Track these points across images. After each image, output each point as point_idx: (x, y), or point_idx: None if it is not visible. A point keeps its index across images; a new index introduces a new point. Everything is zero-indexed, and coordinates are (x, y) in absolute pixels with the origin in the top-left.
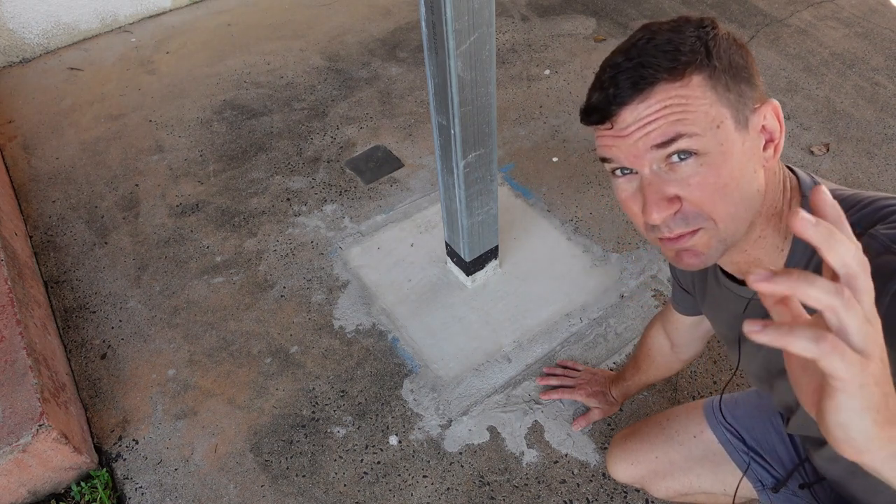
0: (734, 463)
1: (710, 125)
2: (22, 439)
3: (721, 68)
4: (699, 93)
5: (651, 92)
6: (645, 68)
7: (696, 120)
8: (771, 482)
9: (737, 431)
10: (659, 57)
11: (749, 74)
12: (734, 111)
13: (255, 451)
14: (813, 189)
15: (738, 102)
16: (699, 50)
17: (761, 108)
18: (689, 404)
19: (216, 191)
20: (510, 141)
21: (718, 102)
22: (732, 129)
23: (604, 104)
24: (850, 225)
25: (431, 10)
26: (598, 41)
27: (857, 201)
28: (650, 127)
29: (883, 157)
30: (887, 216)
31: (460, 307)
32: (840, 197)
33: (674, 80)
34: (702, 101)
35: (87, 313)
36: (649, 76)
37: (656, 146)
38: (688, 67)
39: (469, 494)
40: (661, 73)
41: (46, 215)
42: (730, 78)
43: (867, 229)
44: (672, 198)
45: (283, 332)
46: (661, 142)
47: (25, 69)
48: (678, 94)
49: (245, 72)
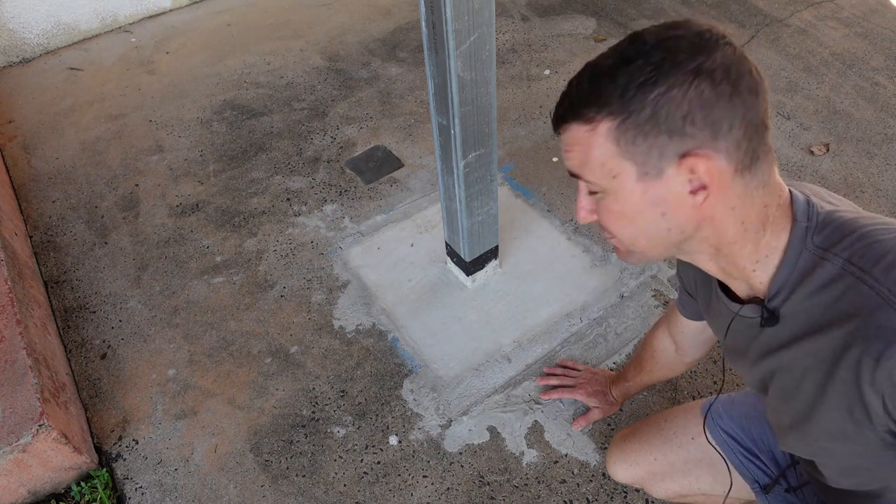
0: (731, 465)
1: (605, 174)
2: (22, 439)
3: (634, 120)
4: (601, 141)
5: (567, 127)
6: (573, 100)
7: (594, 168)
8: (766, 481)
9: (734, 432)
10: (581, 99)
11: (684, 124)
12: (639, 163)
13: (255, 451)
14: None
15: (646, 154)
16: (620, 96)
17: (687, 161)
18: (687, 405)
19: (216, 191)
20: (510, 141)
21: (619, 155)
22: (633, 179)
23: (553, 115)
24: (843, 259)
25: (431, 10)
26: (598, 41)
27: (851, 230)
28: (566, 155)
29: (883, 157)
30: (884, 254)
31: (460, 307)
32: (838, 222)
33: (584, 123)
34: (601, 150)
35: (87, 313)
36: (568, 116)
37: (569, 173)
38: (598, 115)
39: (469, 494)
40: (574, 117)
41: (46, 215)
42: (647, 129)
43: (865, 271)
44: (591, 209)
45: (283, 332)
46: (571, 172)
47: (25, 69)
48: (583, 138)
49: (245, 72)
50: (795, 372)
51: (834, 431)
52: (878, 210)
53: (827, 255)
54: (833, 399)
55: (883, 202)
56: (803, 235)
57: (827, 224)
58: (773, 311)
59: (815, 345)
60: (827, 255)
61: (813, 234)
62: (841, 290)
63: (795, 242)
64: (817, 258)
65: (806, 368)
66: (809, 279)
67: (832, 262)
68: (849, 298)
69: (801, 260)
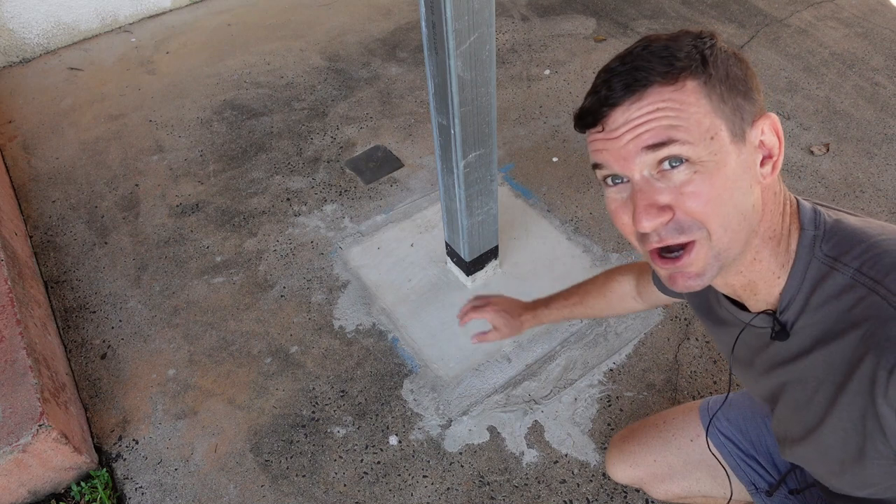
0: (729, 468)
1: (703, 135)
2: (22, 439)
3: (717, 78)
4: (693, 99)
5: (644, 93)
6: (639, 71)
7: (690, 127)
8: (764, 486)
9: (732, 435)
10: (654, 61)
11: (747, 88)
12: (729, 123)
13: (255, 451)
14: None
15: (733, 114)
16: (695, 57)
17: (759, 122)
18: (685, 406)
19: (216, 191)
20: (510, 141)
21: (713, 112)
22: (727, 140)
23: (595, 106)
24: (854, 269)
25: (431, 10)
26: (598, 41)
27: (861, 240)
28: (642, 129)
29: (883, 157)
30: (894, 263)
31: (460, 307)
32: (846, 231)
33: (668, 83)
34: (696, 108)
35: (87, 313)
36: (642, 78)
37: (647, 147)
38: (682, 72)
39: (469, 494)
40: (655, 76)
41: (46, 215)
42: (726, 89)
43: (877, 281)
44: (663, 206)
45: (283, 332)
46: (653, 143)
47: (25, 69)
48: (672, 98)
49: (245, 72)
50: (808, 383)
51: (845, 443)
52: (879, 210)
53: (837, 265)
54: (845, 411)
55: (883, 202)
56: (811, 244)
57: (835, 232)
58: (784, 325)
59: (827, 356)
60: (837, 264)
61: (821, 243)
62: (853, 301)
63: (804, 251)
64: (827, 267)
65: (819, 380)
66: (820, 289)
67: (842, 272)
68: (861, 309)
69: (810, 269)
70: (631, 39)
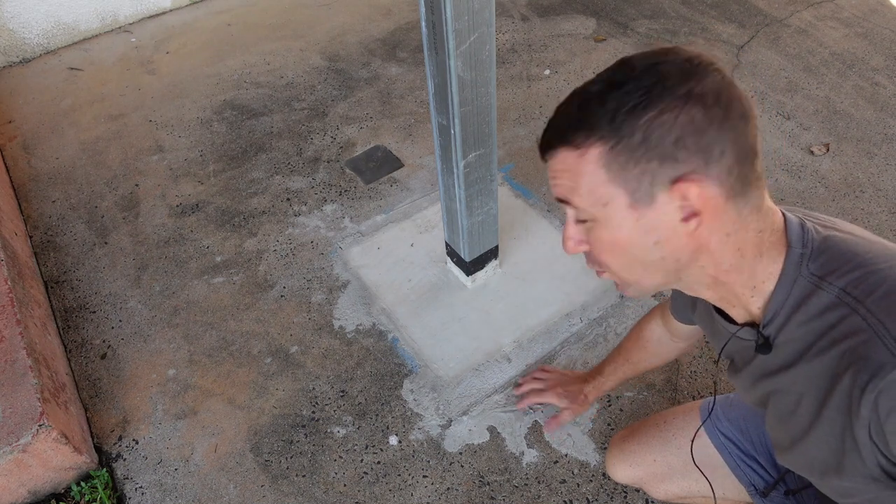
0: (729, 468)
1: (596, 202)
2: (22, 439)
3: (625, 145)
4: (591, 169)
5: (555, 153)
6: (558, 127)
7: (583, 195)
8: (763, 486)
9: (732, 435)
10: (576, 117)
11: (675, 149)
12: (630, 189)
13: (255, 451)
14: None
15: (638, 180)
16: (610, 120)
17: (680, 186)
18: (685, 406)
19: (216, 191)
20: (510, 141)
21: (609, 182)
22: (624, 206)
23: (538, 141)
24: (839, 289)
25: (431, 10)
26: (598, 41)
27: (848, 259)
28: (553, 181)
29: (883, 157)
30: (878, 285)
31: (460, 307)
32: (834, 249)
33: (573, 149)
34: (591, 178)
35: (87, 313)
36: (557, 138)
37: (557, 199)
38: (587, 140)
39: (469, 494)
40: (563, 143)
41: (46, 215)
42: (639, 154)
43: (860, 301)
44: (579, 240)
45: (283, 332)
46: (558, 198)
47: (25, 69)
48: (573, 165)
49: (245, 72)
50: (792, 396)
51: (827, 455)
52: (879, 210)
53: (822, 284)
54: (827, 426)
55: (883, 202)
56: (798, 262)
57: (823, 251)
58: (767, 338)
59: (809, 371)
60: (822, 283)
61: (808, 261)
62: (835, 319)
63: (790, 269)
64: (812, 286)
65: (802, 393)
66: (805, 307)
67: (827, 290)
68: (842, 328)
69: (795, 287)
70: (631, 39)
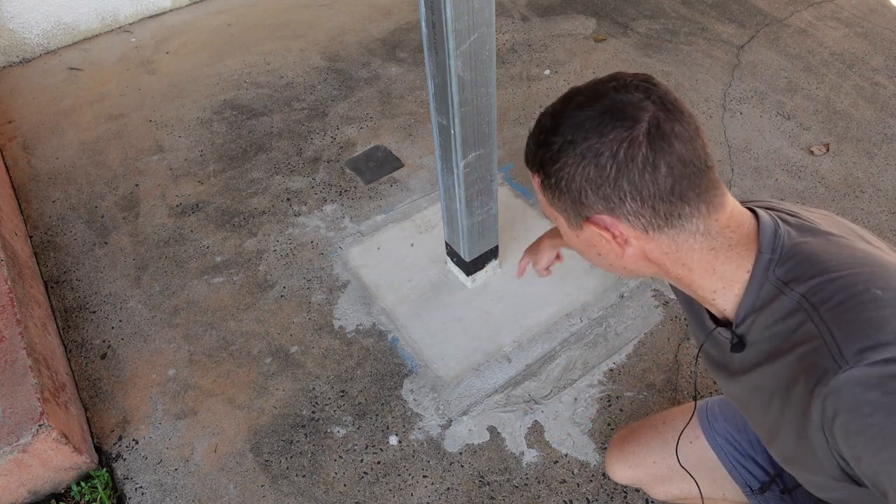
0: (725, 469)
1: (551, 216)
2: (22, 439)
3: (548, 184)
4: (539, 191)
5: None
6: (529, 148)
7: (545, 208)
8: (757, 485)
9: (730, 435)
10: (530, 148)
11: (579, 196)
12: (564, 215)
13: (255, 451)
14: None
15: (565, 211)
16: (537, 163)
17: (591, 224)
18: (685, 406)
19: (216, 191)
20: (510, 141)
21: (551, 205)
22: (565, 225)
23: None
24: (799, 294)
25: (431, 10)
26: (598, 41)
27: (812, 266)
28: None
29: (883, 157)
30: (834, 294)
31: (460, 307)
32: (801, 255)
33: (532, 171)
34: (541, 197)
35: (87, 313)
36: (529, 155)
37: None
38: (532, 169)
39: (469, 494)
40: (534, 157)
41: (46, 215)
42: (557, 193)
43: (816, 307)
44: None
45: (283, 332)
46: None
47: (25, 69)
48: (533, 183)
49: (245, 72)
50: (766, 392)
51: (796, 451)
52: (878, 210)
53: (785, 289)
54: (789, 426)
55: (883, 202)
56: (766, 266)
57: (791, 257)
58: (741, 337)
59: (775, 370)
60: (785, 288)
61: (776, 266)
62: (794, 325)
63: (759, 273)
64: (777, 290)
65: (773, 391)
66: (769, 310)
67: (789, 296)
68: (799, 333)
69: (763, 290)
70: (631, 39)
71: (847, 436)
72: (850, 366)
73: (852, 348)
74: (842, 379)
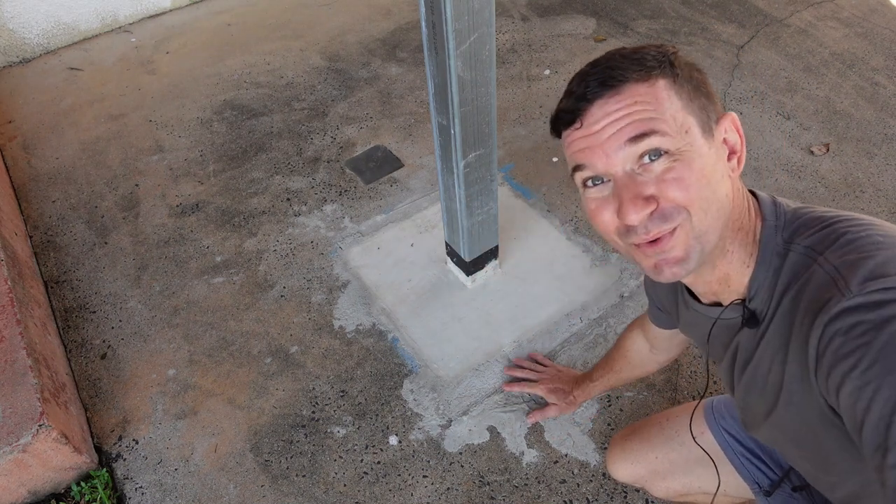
0: (732, 465)
1: (679, 128)
2: (22, 439)
3: (683, 78)
4: (665, 95)
5: (620, 89)
6: (614, 70)
7: (667, 120)
8: (767, 483)
9: (735, 431)
10: (626, 63)
11: (707, 91)
12: (699, 119)
13: (255, 451)
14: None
15: (701, 112)
16: (663, 60)
17: (722, 121)
18: (688, 404)
19: (216, 191)
20: (510, 141)
21: (684, 109)
22: (699, 135)
23: (573, 104)
24: (804, 247)
25: (431, 10)
26: (598, 41)
27: (816, 221)
28: (623, 122)
29: (883, 157)
30: (837, 239)
31: (460, 307)
32: (804, 218)
33: (642, 80)
34: (669, 104)
35: (87, 313)
36: (618, 76)
37: (630, 140)
38: (653, 71)
39: (469, 494)
40: (630, 73)
41: (46, 215)
42: (692, 89)
43: (820, 253)
44: (648, 197)
45: (283, 332)
46: (635, 135)
47: (25, 69)
48: (647, 93)
49: (245, 72)
50: (764, 364)
51: (800, 419)
52: (879, 210)
53: (792, 247)
54: (793, 368)
55: (883, 202)
56: (773, 234)
57: (793, 220)
58: (753, 312)
59: (779, 325)
60: (792, 246)
61: (781, 231)
62: (802, 274)
63: (767, 240)
64: (785, 251)
65: (772, 356)
66: (782, 274)
67: (796, 251)
68: (805, 279)
69: (772, 257)
70: (631, 39)
71: (836, 360)
72: (853, 294)
73: (857, 279)
74: (844, 305)
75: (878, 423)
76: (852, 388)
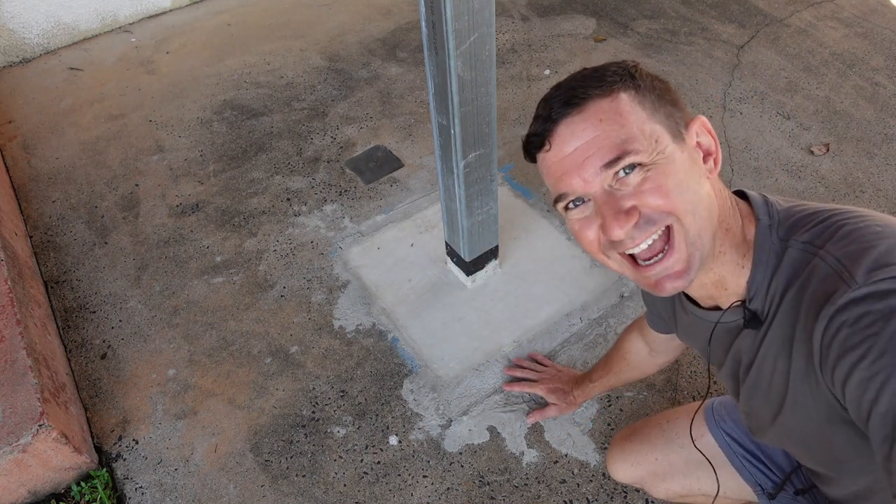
0: (733, 467)
1: (648, 140)
2: (22, 439)
3: (645, 88)
4: (629, 108)
5: (584, 106)
6: (575, 89)
7: (636, 136)
8: (770, 486)
9: (736, 434)
10: (587, 81)
11: (672, 98)
12: (666, 127)
13: (255, 451)
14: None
15: (668, 119)
16: (623, 74)
17: (692, 125)
18: (689, 405)
19: (216, 191)
20: (510, 141)
21: (650, 119)
22: (670, 141)
23: (539, 126)
24: (802, 243)
25: (431, 10)
26: (598, 41)
27: (811, 217)
28: (593, 147)
29: (883, 157)
30: (836, 231)
31: (460, 307)
32: (798, 215)
33: (604, 95)
34: (634, 116)
35: (87, 313)
36: (580, 94)
37: (604, 166)
38: (614, 86)
39: (469, 494)
40: (591, 90)
41: (46, 215)
42: (655, 98)
43: (820, 247)
44: (629, 210)
45: (283, 332)
46: (608, 161)
47: (25, 69)
48: (610, 108)
49: (245, 72)
50: (768, 364)
51: (807, 417)
52: (878, 210)
53: (790, 243)
54: (797, 364)
55: (883, 202)
56: (768, 232)
57: (788, 217)
58: (754, 312)
59: (782, 322)
60: (790, 242)
61: (777, 229)
62: (805, 270)
63: (762, 239)
64: (782, 249)
65: (776, 356)
66: (780, 271)
67: (795, 247)
68: (807, 273)
69: (769, 255)
70: (631, 39)
71: (843, 352)
72: (859, 285)
73: (862, 269)
74: (851, 295)
75: (886, 414)
76: (860, 379)
